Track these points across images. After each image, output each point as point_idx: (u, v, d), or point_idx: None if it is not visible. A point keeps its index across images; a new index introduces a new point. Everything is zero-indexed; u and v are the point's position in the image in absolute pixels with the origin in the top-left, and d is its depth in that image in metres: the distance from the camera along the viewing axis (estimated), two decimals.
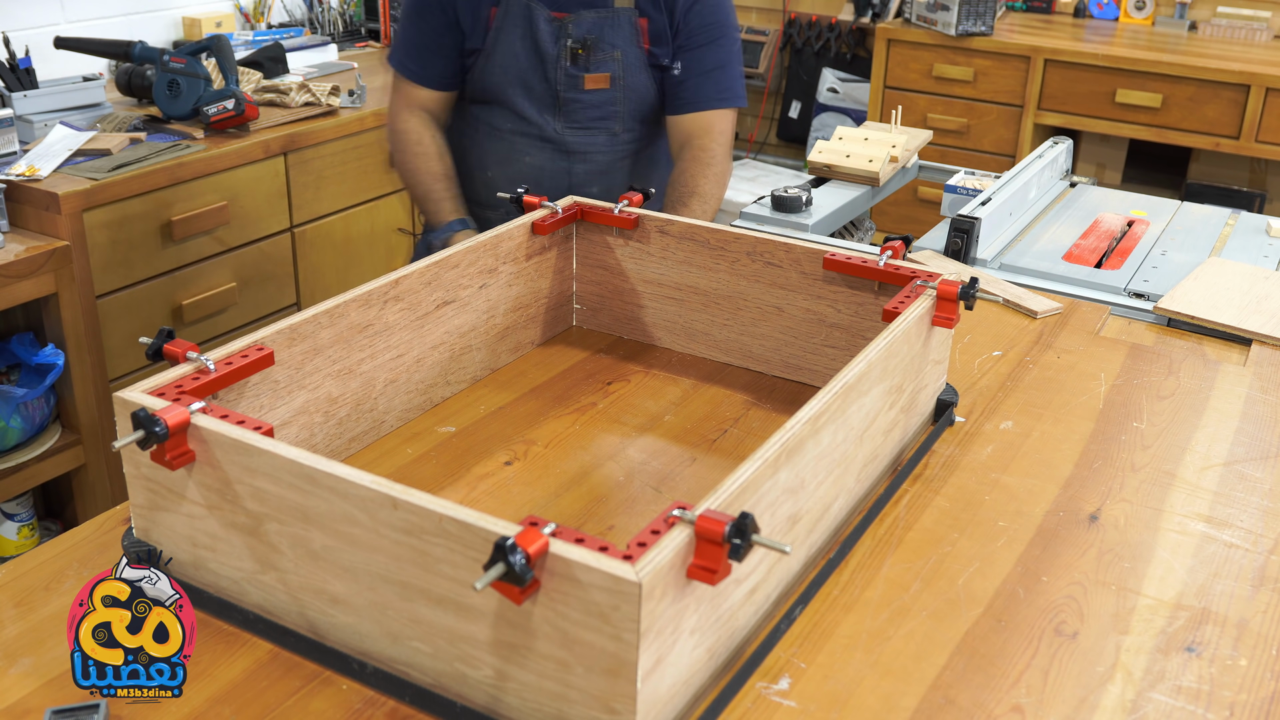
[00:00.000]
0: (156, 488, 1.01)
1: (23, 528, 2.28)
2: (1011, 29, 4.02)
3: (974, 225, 1.90)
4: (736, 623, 0.95)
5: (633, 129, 1.90)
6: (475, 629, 0.86)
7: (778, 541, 0.80)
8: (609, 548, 0.79)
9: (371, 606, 0.91)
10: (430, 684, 0.91)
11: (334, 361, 1.21)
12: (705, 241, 1.46)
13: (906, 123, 3.94)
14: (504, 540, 0.76)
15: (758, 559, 0.95)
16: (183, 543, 1.02)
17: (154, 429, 0.92)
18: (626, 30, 1.82)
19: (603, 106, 1.86)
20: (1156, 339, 1.67)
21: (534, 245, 1.49)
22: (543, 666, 0.83)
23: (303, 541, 0.93)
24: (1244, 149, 3.56)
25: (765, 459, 0.92)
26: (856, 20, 4.42)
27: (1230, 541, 1.17)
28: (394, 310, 1.28)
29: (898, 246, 1.37)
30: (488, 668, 0.87)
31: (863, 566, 1.10)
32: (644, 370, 1.49)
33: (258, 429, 0.94)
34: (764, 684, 0.95)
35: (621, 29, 1.82)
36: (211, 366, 1.05)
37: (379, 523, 0.87)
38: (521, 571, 0.76)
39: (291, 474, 0.90)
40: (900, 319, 1.20)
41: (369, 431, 1.29)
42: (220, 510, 0.97)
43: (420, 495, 0.85)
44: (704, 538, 0.81)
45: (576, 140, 1.88)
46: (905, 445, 1.30)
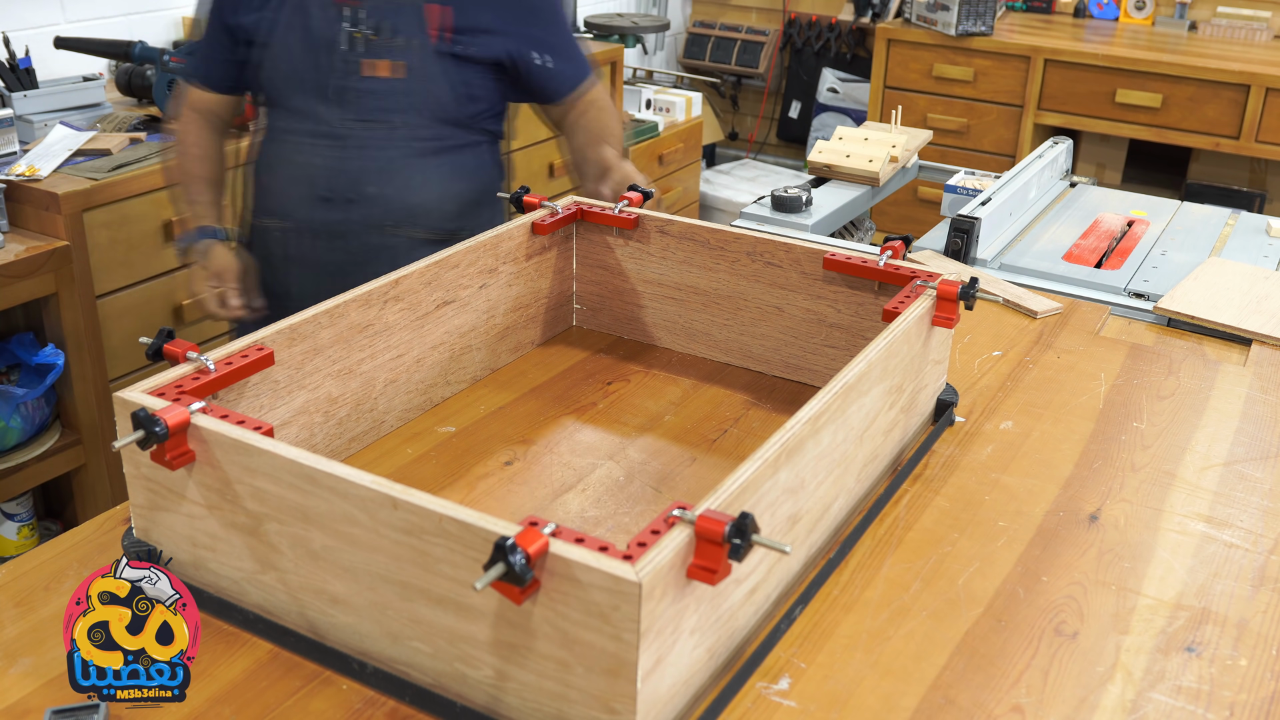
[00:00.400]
0: (156, 488, 1.01)
1: (23, 528, 2.28)
2: (1011, 29, 4.02)
3: (974, 225, 1.90)
4: (736, 623, 0.95)
5: (428, 126, 1.69)
6: (475, 629, 0.86)
7: (778, 541, 0.80)
8: (609, 548, 0.79)
9: (371, 606, 0.91)
10: (430, 684, 0.91)
11: (334, 361, 1.21)
12: (705, 241, 1.46)
13: (906, 123, 3.93)
14: (504, 540, 0.76)
15: (758, 559, 0.95)
16: (183, 543, 1.02)
17: (154, 429, 0.92)
18: (411, 17, 1.65)
19: (387, 97, 1.67)
20: (1156, 339, 1.67)
21: (534, 245, 1.49)
22: (543, 666, 0.83)
23: (303, 541, 0.93)
24: (1244, 149, 3.56)
25: (765, 459, 0.92)
26: (856, 20, 4.42)
27: (1230, 541, 1.17)
28: (394, 310, 1.28)
29: (898, 246, 1.37)
30: (488, 668, 0.87)
31: (863, 566, 1.10)
32: (644, 370, 1.49)
33: (258, 429, 0.94)
34: (764, 684, 0.95)
35: (405, 15, 1.65)
36: (211, 366, 1.05)
37: (379, 523, 0.87)
38: (521, 571, 0.76)
39: (291, 474, 0.90)
40: (900, 319, 1.20)
41: (369, 431, 1.29)
42: (220, 510, 0.97)
43: (420, 495, 0.85)
44: (704, 538, 0.81)
45: (354, 133, 1.68)
46: (905, 445, 1.30)
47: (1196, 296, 1.74)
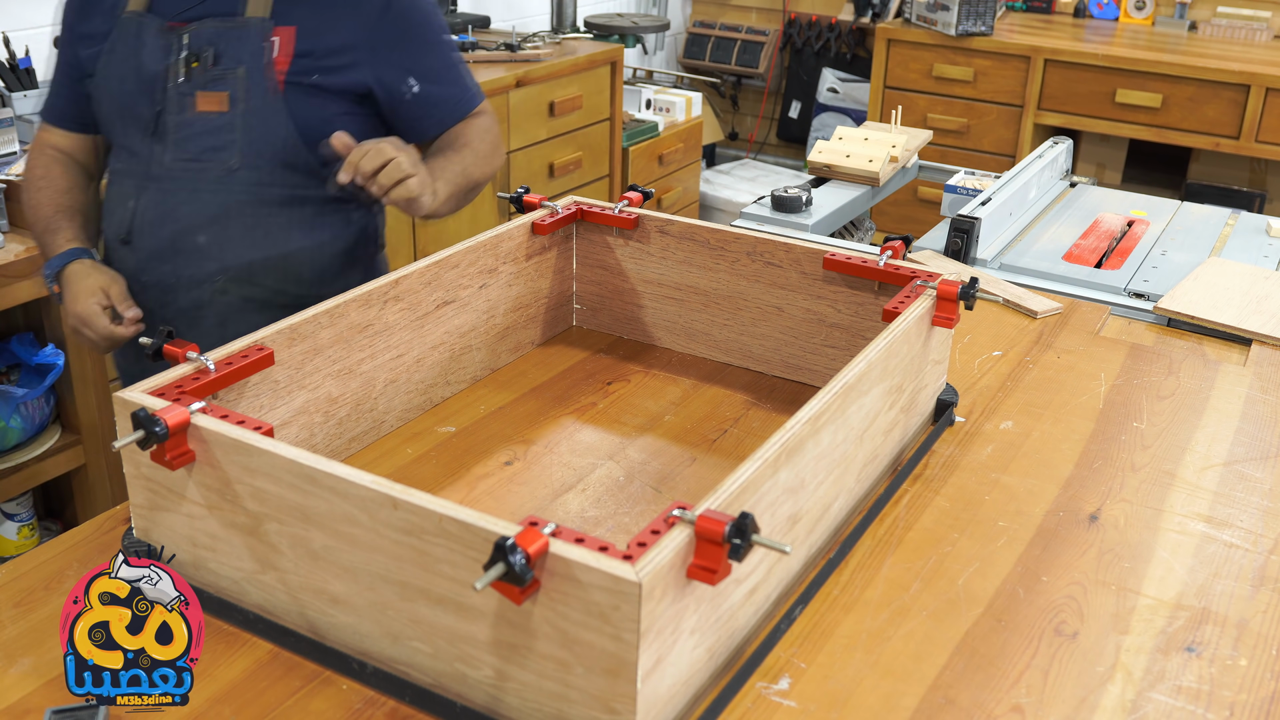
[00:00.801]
0: (156, 488, 1.01)
1: (22, 528, 2.28)
2: (1011, 29, 4.02)
3: (974, 225, 1.90)
4: (736, 623, 0.95)
5: (258, 168, 1.46)
6: (475, 629, 0.86)
7: (778, 541, 0.80)
8: (609, 548, 0.79)
9: (371, 606, 0.91)
10: (430, 684, 0.91)
11: (334, 361, 1.21)
12: (705, 241, 1.46)
13: (907, 122, 3.94)
14: (504, 540, 0.76)
15: (758, 559, 0.95)
16: (183, 542, 1.02)
17: (154, 429, 0.92)
18: (252, 43, 1.44)
19: (217, 134, 1.46)
20: (1156, 339, 1.67)
21: (534, 245, 1.49)
22: (543, 666, 0.83)
23: (303, 541, 0.93)
24: (1244, 149, 3.56)
25: (765, 459, 0.92)
26: (856, 20, 4.42)
27: (1230, 541, 1.17)
28: (394, 310, 1.28)
29: (898, 246, 1.37)
30: (488, 668, 0.87)
31: (863, 566, 1.10)
32: (644, 370, 1.49)
33: (258, 429, 0.94)
34: (764, 684, 0.95)
35: (246, 42, 1.44)
36: (211, 367, 1.05)
37: (379, 522, 0.87)
38: (521, 571, 0.76)
39: (291, 474, 0.90)
40: (900, 319, 1.20)
41: (369, 431, 1.29)
42: (220, 510, 0.97)
43: (420, 495, 0.85)
44: (704, 538, 0.81)
45: (185, 175, 1.47)
46: (905, 445, 1.30)
47: (1196, 296, 1.74)
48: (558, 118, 3.24)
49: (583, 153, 3.37)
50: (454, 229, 2.94)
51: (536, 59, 3.14)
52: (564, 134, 3.28)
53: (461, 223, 2.96)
